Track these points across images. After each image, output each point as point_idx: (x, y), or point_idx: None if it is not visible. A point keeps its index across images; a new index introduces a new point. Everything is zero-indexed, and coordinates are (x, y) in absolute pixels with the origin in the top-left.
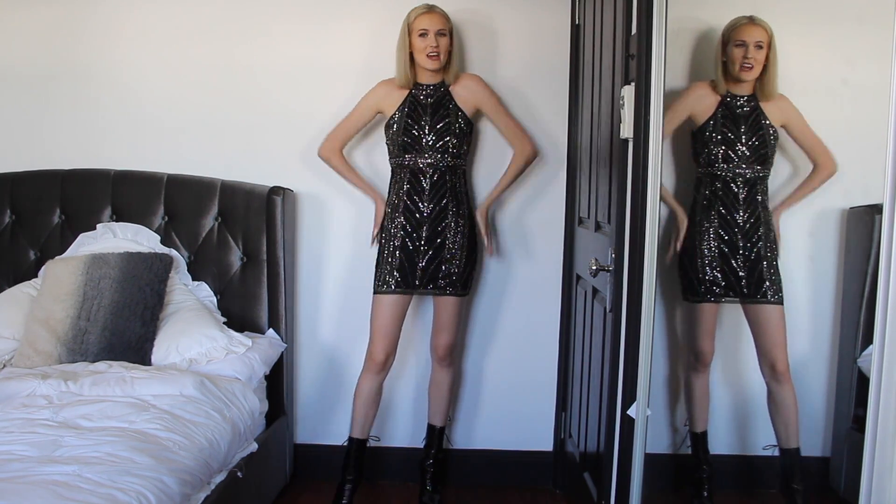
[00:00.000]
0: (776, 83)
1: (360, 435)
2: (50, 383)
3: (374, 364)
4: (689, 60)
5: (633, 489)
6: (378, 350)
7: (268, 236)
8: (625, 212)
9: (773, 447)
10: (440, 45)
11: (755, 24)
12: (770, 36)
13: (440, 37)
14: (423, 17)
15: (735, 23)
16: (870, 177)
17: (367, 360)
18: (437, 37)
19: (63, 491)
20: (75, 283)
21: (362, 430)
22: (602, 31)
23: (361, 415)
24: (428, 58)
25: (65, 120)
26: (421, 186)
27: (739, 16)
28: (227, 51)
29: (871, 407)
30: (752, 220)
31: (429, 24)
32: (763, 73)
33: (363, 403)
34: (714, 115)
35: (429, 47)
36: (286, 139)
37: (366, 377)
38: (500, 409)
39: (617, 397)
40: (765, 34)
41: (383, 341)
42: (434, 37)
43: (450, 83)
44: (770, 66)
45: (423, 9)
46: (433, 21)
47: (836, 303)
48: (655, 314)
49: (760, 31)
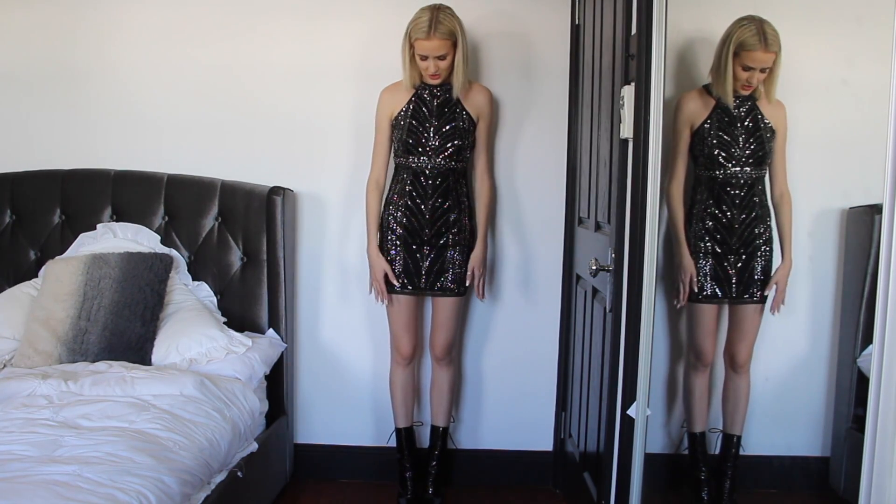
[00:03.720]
0: (776, 87)
1: (404, 424)
2: (50, 383)
3: (402, 358)
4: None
5: (632, 489)
6: (404, 345)
7: (268, 236)
8: (625, 212)
9: (718, 431)
10: (439, 67)
11: (767, 51)
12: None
13: (439, 60)
14: (422, 43)
15: (748, 41)
16: (870, 177)
17: (394, 355)
18: (436, 60)
19: (63, 491)
20: (75, 283)
21: (406, 419)
22: (602, 31)
23: (401, 405)
24: (429, 76)
25: (65, 120)
26: (423, 187)
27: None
28: (227, 51)
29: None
30: (748, 221)
31: (427, 50)
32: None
33: (400, 395)
34: (710, 116)
35: (427, 69)
36: (286, 139)
37: (396, 371)
38: (499, 409)
39: (617, 397)
40: (773, 57)
41: (406, 336)
42: (433, 61)
43: (455, 93)
44: (774, 69)
45: (422, 33)
46: (431, 47)
47: (835, 303)
48: (655, 314)
49: (770, 57)
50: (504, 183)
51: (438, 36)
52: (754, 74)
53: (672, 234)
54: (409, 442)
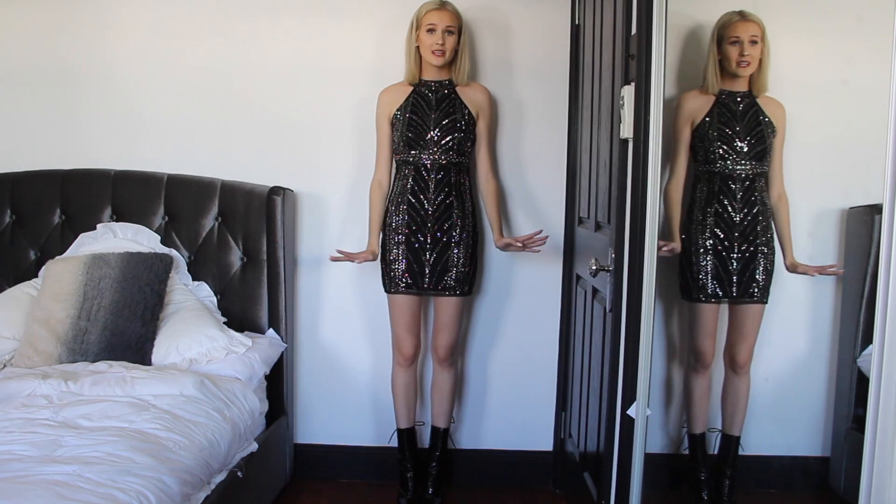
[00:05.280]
0: (768, 77)
1: (405, 425)
2: (50, 383)
3: (403, 359)
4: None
5: (632, 489)
6: (405, 346)
7: (268, 236)
8: (625, 212)
9: (717, 431)
10: (447, 42)
11: (748, 20)
12: (763, 30)
13: (448, 34)
14: (433, 13)
15: (727, 20)
16: (870, 177)
17: (395, 356)
18: (444, 34)
19: (63, 491)
20: (75, 283)
21: (407, 420)
22: (602, 31)
23: (402, 405)
24: (433, 54)
25: (65, 120)
26: (425, 183)
27: (729, 12)
28: (227, 50)
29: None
30: (749, 217)
31: (437, 20)
32: (758, 68)
33: (401, 395)
34: (710, 112)
35: (435, 44)
36: (286, 139)
37: (397, 371)
38: (500, 409)
39: (617, 397)
40: (758, 29)
41: (408, 337)
42: (441, 34)
43: (458, 82)
44: (763, 59)
45: (434, 4)
46: (442, 17)
47: (836, 303)
48: (655, 314)
49: (754, 27)
50: (504, 183)
51: (449, 8)
52: (745, 47)
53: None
54: (410, 443)
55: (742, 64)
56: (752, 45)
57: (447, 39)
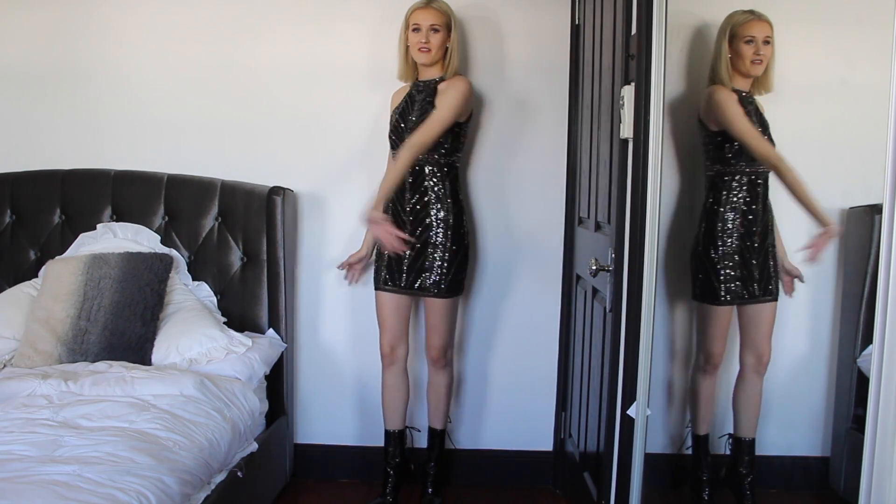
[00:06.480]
0: (773, 77)
1: (390, 427)
2: (50, 383)
3: (383, 357)
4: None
5: (633, 489)
6: (384, 343)
7: (268, 236)
8: (625, 212)
9: (729, 436)
10: (431, 40)
11: (761, 20)
12: (773, 30)
13: (433, 32)
14: (418, 12)
15: (740, 19)
16: (870, 177)
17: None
18: (429, 32)
19: (63, 491)
20: (75, 283)
21: (391, 422)
22: (602, 31)
23: (387, 407)
24: (419, 51)
25: (65, 120)
26: (404, 184)
27: (737, 10)
28: (227, 50)
29: (870, 407)
30: (765, 217)
31: (422, 18)
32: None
33: (386, 396)
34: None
35: (419, 42)
36: (287, 139)
37: (383, 372)
38: (500, 409)
39: (617, 397)
40: (770, 29)
41: (386, 334)
42: (426, 32)
43: (445, 79)
44: (771, 60)
45: (419, 4)
46: (427, 16)
47: (836, 303)
48: (655, 314)
49: (767, 27)
50: (504, 183)
51: (434, 6)
52: (759, 46)
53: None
54: (397, 446)
55: (756, 62)
56: (766, 45)
57: (432, 37)
